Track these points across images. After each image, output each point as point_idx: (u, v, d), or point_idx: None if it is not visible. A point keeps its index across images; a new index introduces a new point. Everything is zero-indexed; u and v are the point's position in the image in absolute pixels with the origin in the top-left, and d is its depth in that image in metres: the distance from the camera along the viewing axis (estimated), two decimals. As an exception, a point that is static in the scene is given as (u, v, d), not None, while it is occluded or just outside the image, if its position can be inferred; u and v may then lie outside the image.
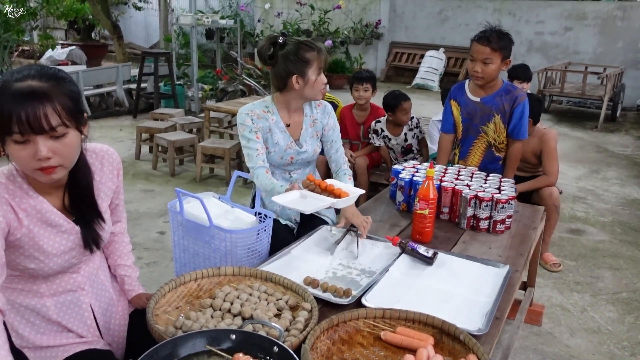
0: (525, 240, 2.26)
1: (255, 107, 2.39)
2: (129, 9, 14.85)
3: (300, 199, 2.01)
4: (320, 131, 2.52)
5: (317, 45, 2.29)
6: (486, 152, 2.89)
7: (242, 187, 5.12)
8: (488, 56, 2.63)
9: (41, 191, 1.44)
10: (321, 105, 2.53)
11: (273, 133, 2.39)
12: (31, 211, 1.42)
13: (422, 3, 12.41)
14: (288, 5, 13.01)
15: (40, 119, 1.25)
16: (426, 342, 1.41)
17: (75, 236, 1.51)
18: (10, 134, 1.25)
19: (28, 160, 1.29)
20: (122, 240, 1.79)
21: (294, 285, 1.67)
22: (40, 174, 1.32)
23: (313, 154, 2.51)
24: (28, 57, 12.29)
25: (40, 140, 1.27)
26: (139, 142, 5.96)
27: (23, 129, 1.24)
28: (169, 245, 3.79)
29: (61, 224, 1.47)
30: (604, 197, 5.20)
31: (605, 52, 10.24)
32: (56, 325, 1.55)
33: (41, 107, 1.25)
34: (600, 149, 7.16)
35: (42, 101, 1.26)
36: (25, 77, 1.28)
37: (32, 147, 1.27)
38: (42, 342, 1.52)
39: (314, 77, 2.29)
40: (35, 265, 1.45)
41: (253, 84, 7.43)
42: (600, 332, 2.94)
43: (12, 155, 1.30)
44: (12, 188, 1.39)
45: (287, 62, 2.28)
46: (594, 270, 3.66)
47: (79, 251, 1.53)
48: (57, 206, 1.47)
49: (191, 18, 7.85)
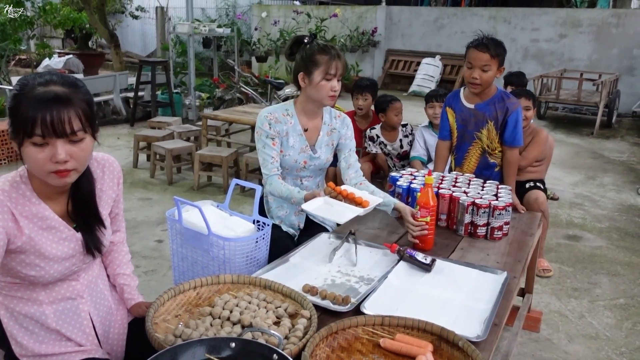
0: (523, 247, 2.27)
1: (275, 110, 2.44)
2: (126, 17, 14.90)
3: (326, 206, 2.09)
4: (336, 141, 2.55)
5: (332, 52, 2.32)
6: (481, 158, 2.91)
7: (240, 195, 5.12)
8: (487, 63, 2.65)
9: (44, 197, 1.45)
10: (341, 116, 2.57)
11: (290, 136, 2.43)
12: (33, 218, 1.43)
13: (418, 11, 12.50)
14: (285, 14, 13.07)
15: (64, 122, 1.28)
16: (425, 349, 1.42)
17: (75, 243, 1.52)
18: (31, 137, 1.28)
19: (45, 163, 1.31)
20: (121, 250, 1.80)
21: (292, 292, 1.67)
22: (55, 177, 1.34)
23: (325, 162, 2.54)
24: (25, 66, 12.30)
25: (60, 144, 1.30)
26: (136, 150, 5.96)
27: (46, 131, 1.27)
28: (167, 253, 3.79)
29: (62, 230, 1.48)
30: (601, 203, 5.22)
31: (600, 58, 10.31)
32: (55, 334, 1.54)
33: (65, 112, 1.29)
34: (596, 155, 7.19)
35: (65, 106, 1.29)
36: (48, 82, 1.31)
37: (51, 150, 1.30)
38: (41, 351, 1.52)
39: (319, 79, 2.31)
40: (36, 273, 1.45)
41: (250, 92, 7.46)
42: (598, 338, 2.95)
43: (29, 157, 1.32)
44: (14, 196, 1.41)
45: (299, 60, 2.37)
46: (592, 276, 3.67)
47: (78, 258, 1.54)
48: (58, 213, 1.49)
49: (188, 27, 7.88)
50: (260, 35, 12.91)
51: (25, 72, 11.25)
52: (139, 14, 13.91)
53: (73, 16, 11.42)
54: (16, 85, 1.33)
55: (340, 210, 2.06)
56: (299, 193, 2.25)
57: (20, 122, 1.28)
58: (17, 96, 1.30)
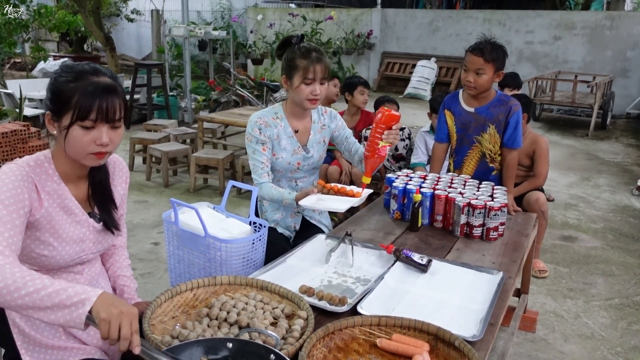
0: (518, 248, 2.28)
1: (264, 115, 2.45)
2: (121, 20, 14.90)
3: (321, 201, 2.17)
4: (328, 137, 2.58)
5: (312, 55, 2.30)
6: (480, 162, 2.91)
7: (236, 197, 5.12)
8: (481, 67, 2.66)
9: (65, 179, 1.54)
10: (327, 111, 2.60)
11: (281, 139, 2.44)
12: (53, 194, 1.50)
13: (413, 14, 12.54)
14: (280, 17, 13.10)
15: (115, 110, 1.44)
16: (422, 348, 1.42)
17: (86, 229, 1.58)
18: (83, 120, 1.41)
19: (89, 144, 1.43)
20: (121, 254, 1.85)
21: (289, 293, 1.67)
22: (93, 158, 1.47)
23: (319, 160, 2.57)
24: (20, 69, 12.28)
25: (105, 129, 1.44)
26: (132, 153, 5.95)
27: (100, 117, 1.41)
28: (163, 256, 3.79)
29: (76, 213, 1.56)
30: (596, 204, 5.24)
31: (594, 61, 10.37)
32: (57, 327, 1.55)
33: (116, 100, 1.44)
34: (591, 157, 7.22)
35: (116, 95, 1.44)
36: (98, 73, 1.46)
37: (96, 134, 1.43)
38: (43, 341, 1.53)
39: (297, 83, 2.32)
40: (49, 253, 1.50)
41: (246, 94, 7.46)
42: (593, 338, 2.96)
43: (75, 138, 1.43)
44: (38, 171, 1.49)
45: (283, 63, 2.40)
46: (587, 276, 3.69)
47: (88, 245, 1.59)
48: (76, 197, 1.57)
49: (184, 29, 7.88)
50: (256, 37, 12.93)
51: (20, 75, 11.21)
52: (134, 17, 13.91)
53: (68, 19, 11.41)
54: (64, 72, 1.45)
55: (336, 202, 2.15)
56: (290, 194, 2.28)
57: (75, 105, 1.40)
58: (72, 81, 1.42)
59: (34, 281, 1.23)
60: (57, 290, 1.21)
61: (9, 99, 7.15)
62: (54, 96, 1.44)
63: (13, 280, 1.23)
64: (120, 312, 1.19)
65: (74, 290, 1.22)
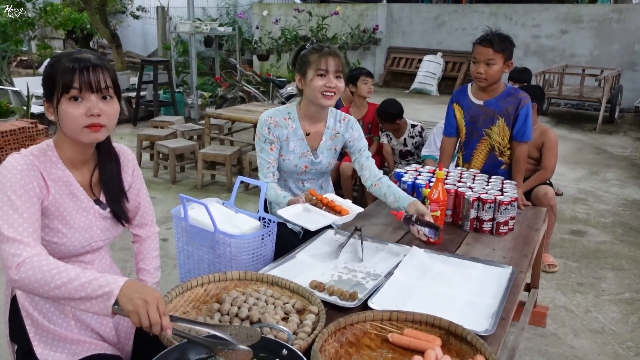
0: (529, 242, 2.27)
1: (276, 114, 2.42)
2: (127, 17, 14.91)
3: (304, 213, 2.11)
4: (339, 145, 2.52)
5: (323, 49, 2.30)
6: (489, 155, 2.90)
7: (244, 193, 5.13)
8: (491, 57, 2.66)
9: (69, 165, 1.56)
10: (345, 119, 2.53)
11: (290, 141, 2.41)
12: (58, 181, 1.52)
13: (419, 8, 12.48)
14: (286, 12, 13.07)
15: (98, 77, 1.46)
16: (434, 343, 1.42)
17: (92, 216, 1.59)
18: (68, 91, 1.43)
19: (80, 117, 1.45)
20: (148, 245, 1.86)
21: (300, 289, 1.67)
22: (88, 132, 1.47)
23: (327, 166, 2.52)
24: (26, 67, 12.31)
25: (93, 98, 1.45)
26: (139, 150, 5.96)
27: (83, 85, 1.43)
28: (172, 252, 3.79)
29: (82, 200, 1.57)
30: (604, 198, 5.21)
31: (602, 54, 10.29)
32: (72, 320, 1.57)
33: (99, 70, 1.46)
34: (599, 151, 7.18)
35: (98, 67, 1.47)
36: (81, 52, 1.51)
37: (85, 105, 1.45)
38: (55, 331, 1.53)
39: (311, 76, 2.29)
40: (58, 239, 1.51)
41: (252, 90, 7.46)
42: (604, 332, 2.94)
43: (66, 113, 1.45)
44: (42, 159, 1.51)
45: (297, 64, 2.38)
46: (597, 271, 3.67)
47: (96, 232, 1.59)
48: (81, 183, 1.58)
49: (190, 26, 7.88)
50: (262, 33, 12.91)
51: (27, 72, 11.24)
52: (139, 14, 13.91)
53: (74, 17, 11.44)
54: (52, 58, 1.51)
55: (315, 218, 2.07)
56: (285, 198, 2.26)
57: (59, 80, 1.43)
58: (54, 64, 1.46)
59: (60, 274, 1.28)
60: (83, 283, 1.26)
61: (16, 97, 7.18)
62: (44, 81, 1.49)
63: (42, 274, 1.29)
64: (144, 301, 1.23)
65: (98, 283, 1.26)
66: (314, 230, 2.06)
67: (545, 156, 3.58)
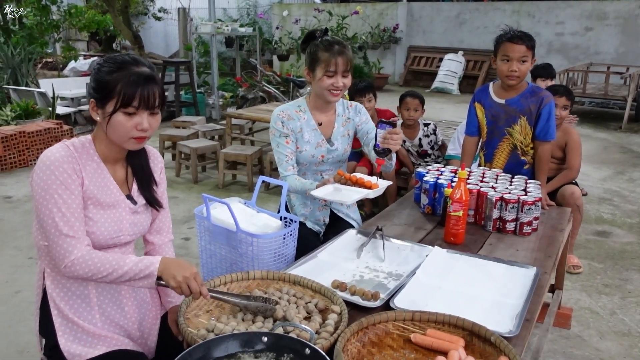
0: (553, 242, 2.24)
1: (287, 108, 2.48)
2: (148, 19, 15.09)
3: (335, 191, 2.17)
4: (352, 130, 2.58)
5: (334, 48, 2.32)
6: (511, 154, 2.87)
7: (265, 193, 5.15)
8: (525, 54, 2.64)
9: (105, 161, 1.63)
10: (352, 105, 2.60)
11: (304, 132, 2.46)
12: (93, 173, 1.60)
13: (439, 7, 12.39)
14: (306, 12, 13.09)
15: (155, 98, 1.55)
16: (457, 344, 1.41)
17: (123, 209, 1.64)
18: (126, 107, 1.51)
19: (130, 129, 1.54)
20: (163, 252, 1.87)
21: (322, 288, 1.67)
22: (134, 142, 1.58)
23: (344, 153, 2.56)
24: (51, 68, 12.53)
25: (145, 115, 1.55)
26: (161, 149, 6.04)
27: (141, 104, 1.52)
28: (194, 251, 3.83)
29: (114, 192, 1.64)
30: (631, 199, 5.11)
31: (628, 51, 10.09)
32: (97, 313, 1.61)
33: (156, 89, 1.55)
34: (625, 150, 7.04)
35: (155, 84, 1.55)
36: (138, 63, 1.56)
37: (137, 119, 1.54)
38: (80, 324, 1.57)
39: (319, 75, 2.35)
40: (89, 228, 1.57)
41: (273, 90, 7.49)
42: (630, 334, 2.89)
43: (118, 123, 1.53)
44: (80, 151, 1.59)
45: (306, 56, 2.43)
46: (622, 272, 3.60)
47: (125, 225, 1.64)
48: (115, 178, 1.66)
49: (211, 27, 7.94)
50: (282, 34, 12.95)
51: (52, 74, 11.45)
52: (161, 15, 14.08)
53: (97, 19, 11.61)
54: (107, 62, 1.55)
55: (348, 194, 2.14)
56: (312, 184, 2.31)
57: (120, 92, 1.50)
58: (114, 72, 1.51)
59: (104, 265, 1.49)
60: (126, 271, 1.50)
61: (42, 98, 7.31)
62: (98, 85, 1.53)
63: (94, 266, 1.49)
64: (183, 277, 1.48)
65: (138, 268, 1.50)
66: (335, 217, 2.07)
67: (569, 156, 3.53)
